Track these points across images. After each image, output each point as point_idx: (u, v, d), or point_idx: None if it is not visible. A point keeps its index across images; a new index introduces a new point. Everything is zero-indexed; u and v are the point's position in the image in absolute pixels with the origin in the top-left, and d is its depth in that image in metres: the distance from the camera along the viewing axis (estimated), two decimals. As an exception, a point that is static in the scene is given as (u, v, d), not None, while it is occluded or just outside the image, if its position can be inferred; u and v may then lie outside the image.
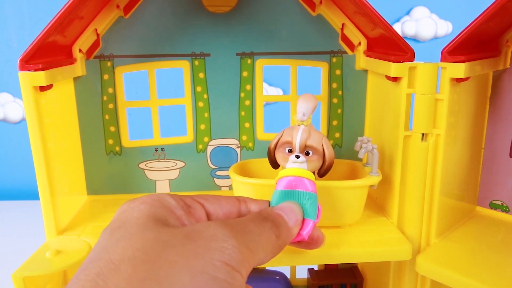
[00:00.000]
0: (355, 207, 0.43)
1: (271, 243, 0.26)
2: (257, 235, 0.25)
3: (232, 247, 0.22)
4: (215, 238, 0.22)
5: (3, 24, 1.09)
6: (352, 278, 0.57)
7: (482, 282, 0.37)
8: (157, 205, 0.25)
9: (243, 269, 0.22)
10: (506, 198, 0.49)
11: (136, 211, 0.24)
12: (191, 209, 0.26)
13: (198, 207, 0.27)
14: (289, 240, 0.28)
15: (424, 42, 1.14)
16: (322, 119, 0.54)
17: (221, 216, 0.28)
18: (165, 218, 0.24)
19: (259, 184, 0.42)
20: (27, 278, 0.36)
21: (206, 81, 0.52)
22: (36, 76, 0.39)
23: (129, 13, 0.49)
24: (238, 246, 0.22)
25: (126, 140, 0.52)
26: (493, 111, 0.48)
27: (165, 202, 0.25)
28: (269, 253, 0.26)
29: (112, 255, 0.21)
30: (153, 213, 0.24)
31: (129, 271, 0.20)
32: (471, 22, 0.38)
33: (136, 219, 0.23)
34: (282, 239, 0.27)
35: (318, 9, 0.50)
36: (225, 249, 0.22)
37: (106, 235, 0.23)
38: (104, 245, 0.22)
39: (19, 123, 1.16)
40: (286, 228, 0.28)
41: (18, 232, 0.92)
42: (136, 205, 0.25)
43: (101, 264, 0.20)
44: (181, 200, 0.26)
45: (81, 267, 0.21)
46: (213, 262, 0.21)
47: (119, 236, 0.22)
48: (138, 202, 0.25)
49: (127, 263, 0.20)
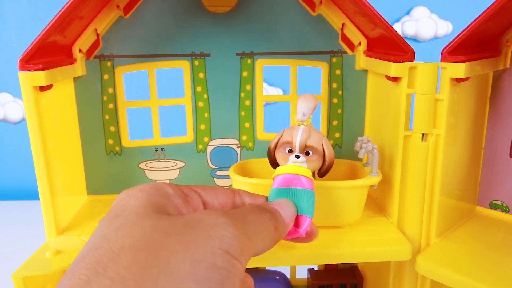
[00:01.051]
0: (355, 207, 0.43)
1: (269, 234, 0.26)
2: (257, 225, 0.25)
3: (232, 235, 0.22)
4: (215, 226, 0.22)
5: (3, 24, 1.09)
6: (352, 278, 0.57)
7: (482, 282, 0.37)
8: (155, 193, 0.25)
9: (243, 258, 0.22)
10: (506, 198, 0.49)
11: (133, 199, 0.24)
12: (188, 198, 0.26)
13: (195, 196, 0.27)
14: (284, 235, 0.29)
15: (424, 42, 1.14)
16: (322, 119, 0.54)
17: (217, 206, 0.28)
18: (163, 206, 0.24)
19: (259, 184, 0.42)
20: (27, 278, 0.36)
21: (206, 81, 0.52)
22: (36, 76, 0.39)
23: (129, 13, 0.49)
24: (238, 235, 0.22)
25: (126, 140, 0.52)
26: (493, 111, 0.48)
27: (162, 191, 0.25)
28: (267, 244, 0.26)
29: (112, 244, 0.21)
30: (151, 201, 0.24)
31: (129, 259, 0.20)
32: (471, 22, 0.38)
33: (134, 208, 0.23)
34: (279, 232, 0.27)
35: (318, 9, 0.50)
36: (225, 238, 0.22)
37: (104, 223, 0.23)
38: (103, 233, 0.22)
39: (19, 123, 1.16)
40: (282, 222, 0.28)
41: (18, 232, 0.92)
42: (133, 193, 0.25)
43: (101, 252, 0.20)
44: (178, 189, 0.26)
45: (80, 255, 0.21)
46: (213, 250, 0.21)
47: (119, 224, 0.22)
48: (136, 190, 0.25)
49: (127, 251, 0.20)
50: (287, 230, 0.29)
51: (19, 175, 1.19)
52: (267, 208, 0.28)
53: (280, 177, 0.34)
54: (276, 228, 0.27)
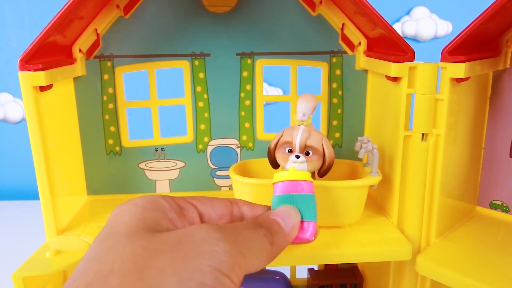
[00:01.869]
0: (355, 207, 0.43)
1: (265, 250, 0.25)
2: (251, 241, 0.24)
3: (223, 251, 0.22)
4: (206, 242, 0.22)
5: (3, 24, 1.09)
6: (352, 278, 0.57)
7: (482, 282, 0.37)
8: (149, 208, 0.24)
9: (233, 274, 0.22)
10: (506, 198, 0.49)
11: (127, 214, 0.24)
12: (184, 211, 0.26)
13: (191, 209, 0.27)
14: (285, 246, 0.28)
15: (424, 42, 1.14)
16: (322, 119, 0.54)
17: (214, 218, 0.28)
18: (157, 221, 0.24)
19: (259, 184, 0.42)
20: (27, 278, 0.36)
21: (206, 81, 0.52)
22: (36, 76, 0.39)
23: (129, 13, 0.49)
24: (229, 250, 0.22)
25: (126, 140, 0.52)
26: (493, 111, 0.48)
27: (157, 205, 0.25)
28: (263, 260, 0.25)
29: (102, 266, 0.21)
30: (144, 218, 0.24)
31: (117, 282, 0.20)
32: (471, 22, 0.38)
33: (126, 226, 0.23)
34: (276, 247, 0.26)
35: (318, 9, 0.50)
36: (216, 253, 0.21)
37: (96, 243, 0.23)
38: (93, 256, 0.22)
39: (19, 123, 1.16)
40: (282, 234, 0.27)
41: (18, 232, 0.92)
42: (128, 208, 0.24)
43: (91, 275, 0.20)
44: (174, 202, 0.26)
45: (72, 277, 0.21)
46: (202, 267, 0.21)
47: (109, 245, 0.22)
48: (130, 204, 0.25)
49: (116, 274, 0.20)
50: (289, 240, 0.28)
51: (19, 175, 1.19)
52: (264, 222, 0.27)
53: (281, 183, 0.33)
54: (272, 243, 0.26)
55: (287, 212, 0.29)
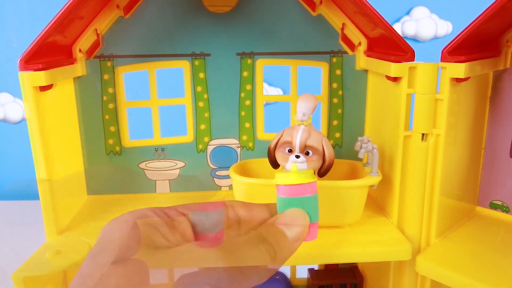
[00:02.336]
0: (355, 207, 0.43)
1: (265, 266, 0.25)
2: (251, 258, 0.24)
3: (222, 269, 0.22)
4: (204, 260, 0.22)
5: (3, 24, 1.09)
6: (352, 278, 0.57)
7: (482, 282, 0.37)
8: (140, 224, 0.24)
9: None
10: (506, 198, 0.49)
11: (117, 231, 0.24)
12: (175, 223, 0.25)
13: (182, 220, 0.26)
14: (288, 257, 0.27)
15: (424, 42, 1.14)
16: (322, 119, 0.54)
17: (207, 225, 0.27)
18: (148, 237, 0.24)
19: (259, 184, 0.42)
20: (27, 278, 0.36)
21: (206, 81, 0.52)
22: (36, 76, 0.39)
23: (129, 13, 0.49)
24: (228, 269, 0.22)
25: (126, 140, 0.52)
26: (493, 111, 0.48)
27: (148, 220, 0.25)
28: (264, 276, 0.25)
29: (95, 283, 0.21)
30: (136, 234, 0.23)
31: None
32: (471, 22, 0.38)
33: (118, 243, 0.23)
34: (279, 260, 0.26)
35: (318, 9, 0.50)
36: (214, 272, 0.21)
37: (88, 261, 0.23)
38: (87, 272, 0.22)
39: (19, 123, 1.16)
40: (286, 246, 0.26)
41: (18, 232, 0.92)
42: (118, 224, 0.24)
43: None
44: (165, 214, 0.26)
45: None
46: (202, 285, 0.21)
47: (102, 263, 0.22)
48: (120, 221, 0.24)
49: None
50: (293, 250, 0.27)
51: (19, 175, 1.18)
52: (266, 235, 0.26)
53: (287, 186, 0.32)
54: (274, 258, 0.25)
55: (295, 216, 0.28)
